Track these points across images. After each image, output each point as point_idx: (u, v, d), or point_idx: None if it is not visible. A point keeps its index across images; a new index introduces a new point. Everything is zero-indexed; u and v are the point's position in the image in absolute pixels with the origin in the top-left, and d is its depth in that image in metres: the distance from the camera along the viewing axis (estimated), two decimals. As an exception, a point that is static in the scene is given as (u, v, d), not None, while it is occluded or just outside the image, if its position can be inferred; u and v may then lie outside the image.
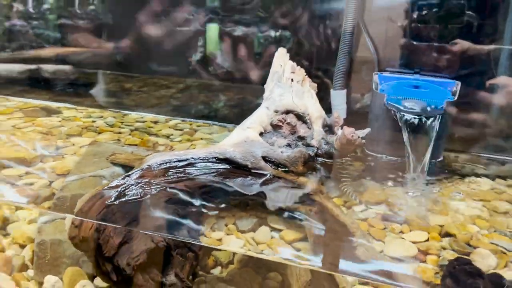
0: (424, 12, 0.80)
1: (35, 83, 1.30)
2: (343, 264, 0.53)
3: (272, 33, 0.99)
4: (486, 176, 0.78)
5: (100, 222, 0.53)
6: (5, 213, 0.76)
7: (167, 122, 1.08)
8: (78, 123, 1.04)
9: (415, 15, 0.80)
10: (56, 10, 1.27)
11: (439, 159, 0.78)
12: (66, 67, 1.32)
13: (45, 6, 1.28)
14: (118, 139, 0.93)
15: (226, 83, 1.10)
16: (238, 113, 1.07)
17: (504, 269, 0.53)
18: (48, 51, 1.32)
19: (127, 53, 1.17)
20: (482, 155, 0.87)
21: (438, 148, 0.75)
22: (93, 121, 1.06)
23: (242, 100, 1.09)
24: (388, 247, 0.57)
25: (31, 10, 1.29)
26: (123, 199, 0.57)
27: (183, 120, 1.09)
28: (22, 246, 0.72)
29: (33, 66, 1.35)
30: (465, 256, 0.54)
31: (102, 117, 1.10)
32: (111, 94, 1.24)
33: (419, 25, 0.80)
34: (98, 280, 0.69)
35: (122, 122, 1.06)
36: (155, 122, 1.08)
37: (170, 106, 1.16)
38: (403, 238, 0.59)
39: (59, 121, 1.05)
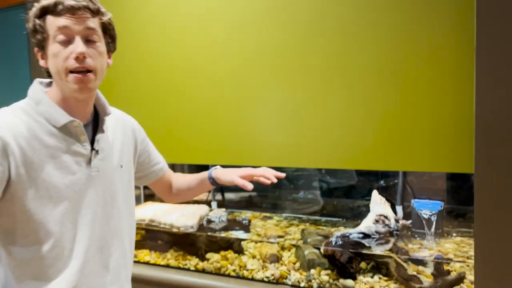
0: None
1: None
2: (401, 254, 1.82)
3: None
4: (467, 236, 2.04)
5: (330, 248, 1.87)
6: (281, 253, 2.12)
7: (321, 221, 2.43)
8: (285, 223, 2.41)
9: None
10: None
11: (440, 230, 2.05)
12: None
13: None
14: (304, 228, 2.28)
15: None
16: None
17: (456, 257, 1.79)
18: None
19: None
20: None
21: (439, 225, 2.03)
22: (290, 222, 2.43)
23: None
24: (418, 254, 1.84)
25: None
26: (335, 243, 1.91)
27: (326, 220, 2.44)
28: (289, 264, 2.05)
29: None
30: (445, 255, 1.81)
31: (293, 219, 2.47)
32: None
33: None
34: (326, 271, 1.98)
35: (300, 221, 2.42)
36: (316, 221, 2.43)
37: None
38: (426, 250, 1.87)
39: (276, 221, 2.43)
